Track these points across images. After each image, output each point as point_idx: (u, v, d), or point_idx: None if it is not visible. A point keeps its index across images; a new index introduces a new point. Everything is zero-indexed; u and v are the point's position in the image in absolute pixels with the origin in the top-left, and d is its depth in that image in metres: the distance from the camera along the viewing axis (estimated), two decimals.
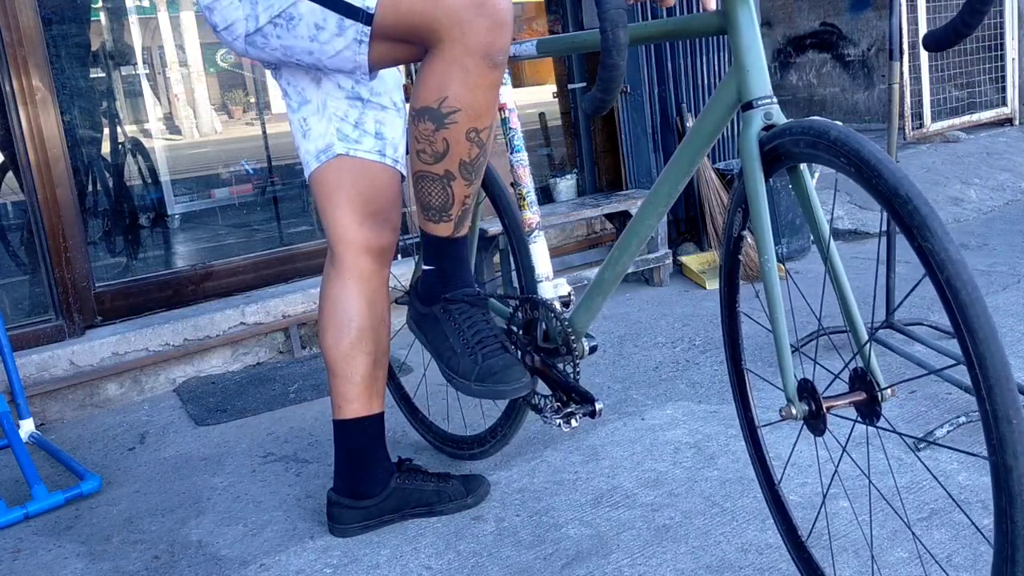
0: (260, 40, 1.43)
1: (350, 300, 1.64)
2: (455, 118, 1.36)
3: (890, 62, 2.40)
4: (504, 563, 1.60)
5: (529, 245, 1.70)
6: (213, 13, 1.44)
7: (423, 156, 1.42)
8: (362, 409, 1.69)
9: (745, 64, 1.23)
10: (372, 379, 1.69)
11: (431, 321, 1.57)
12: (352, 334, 1.65)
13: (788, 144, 1.17)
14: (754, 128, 1.22)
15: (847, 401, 1.17)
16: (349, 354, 1.66)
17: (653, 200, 1.47)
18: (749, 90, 1.23)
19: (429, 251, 1.55)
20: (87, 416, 2.57)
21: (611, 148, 3.67)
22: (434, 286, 1.56)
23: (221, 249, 3.66)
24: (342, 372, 1.67)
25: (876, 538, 1.55)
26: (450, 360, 1.53)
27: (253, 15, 1.40)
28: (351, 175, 1.59)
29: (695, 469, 1.89)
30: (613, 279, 1.58)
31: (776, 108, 1.23)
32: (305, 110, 1.58)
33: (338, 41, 1.38)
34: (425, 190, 1.46)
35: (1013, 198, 4.44)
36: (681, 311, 3.03)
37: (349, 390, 1.68)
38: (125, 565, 1.73)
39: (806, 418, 1.20)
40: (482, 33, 1.30)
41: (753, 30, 1.23)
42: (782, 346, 1.20)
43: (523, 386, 1.48)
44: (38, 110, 2.54)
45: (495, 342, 1.52)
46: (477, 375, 1.48)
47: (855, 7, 5.97)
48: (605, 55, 1.13)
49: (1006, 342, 2.42)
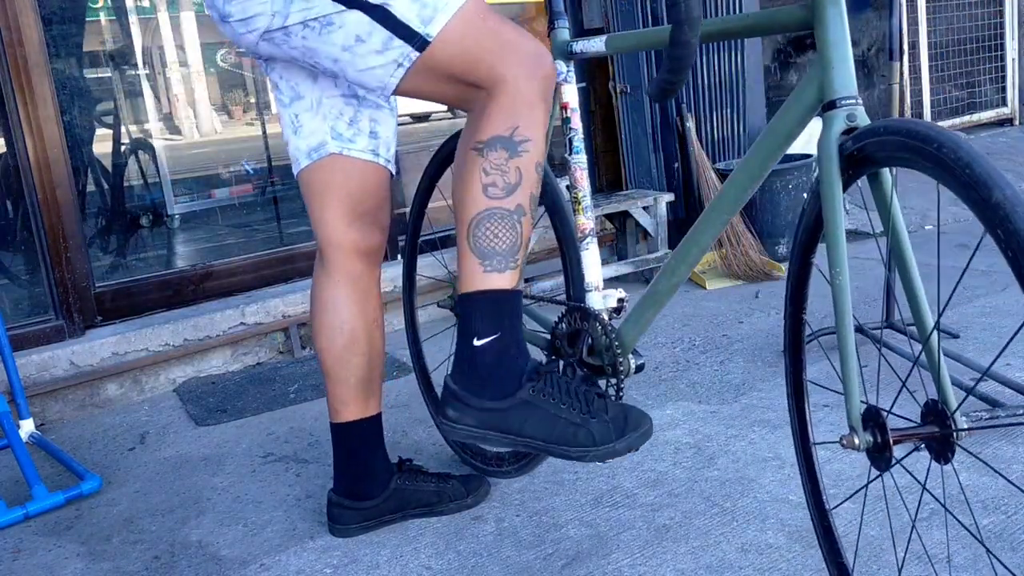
0: (281, 37, 1.36)
1: (341, 302, 1.62)
2: (527, 147, 1.33)
3: (890, 62, 2.40)
4: (504, 563, 1.60)
5: (581, 252, 1.63)
6: (230, 2, 1.36)
7: (492, 190, 1.32)
8: (358, 412, 1.69)
9: (831, 61, 1.16)
10: (367, 381, 1.68)
11: (522, 411, 1.31)
12: (345, 337, 1.63)
13: (874, 147, 1.07)
14: (835, 130, 1.14)
15: (918, 435, 1.08)
16: (343, 357, 1.64)
17: (719, 206, 1.37)
18: (833, 88, 1.15)
19: (486, 317, 1.32)
20: (87, 416, 2.57)
21: (611, 148, 3.66)
22: (502, 365, 1.32)
23: (221, 249, 3.66)
24: (336, 375, 1.66)
25: (876, 538, 1.55)
26: (575, 437, 1.30)
27: (283, 13, 1.33)
28: (342, 175, 1.57)
29: (695, 469, 1.89)
30: (669, 291, 1.49)
31: (861, 110, 1.15)
32: (297, 106, 1.55)
33: (375, 58, 1.32)
34: (492, 232, 1.32)
35: None
36: (681, 311, 3.03)
37: (345, 393, 1.67)
38: (125, 565, 1.73)
39: (869, 450, 1.11)
40: (542, 80, 1.34)
41: (842, 26, 1.16)
42: (849, 368, 1.11)
43: (647, 416, 1.35)
44: (38, 110, 2.54)
45: (593, 393, 1.35)
46: (616, 432, 1.30)
47: (855, 7, 5.96)
48: (676, 30, 1.07)
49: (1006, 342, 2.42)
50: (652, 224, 3.34)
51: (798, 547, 1.55)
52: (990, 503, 1.63)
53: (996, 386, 2.05)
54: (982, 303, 2.78)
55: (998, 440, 1.87)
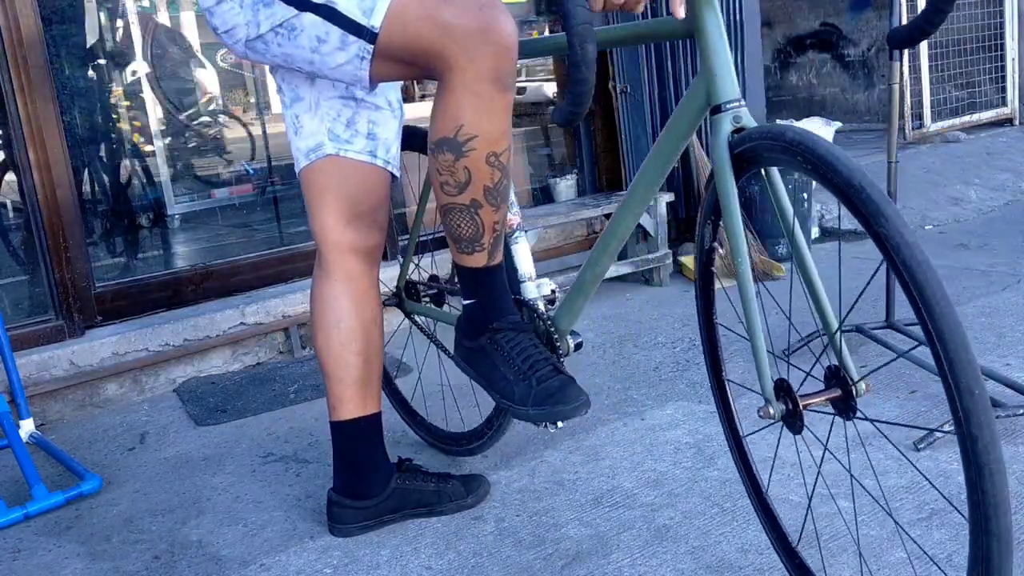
0: (260, 46, 1.43)
1: (338, 301, 1.64)
2: (473, 144, 1.35)
3: (890, 62, 2.40)
4: (504, 563, 1.60)
5: (512, 246, 1.69)
6: (214, 16, 1.44)
7: (447, 188, 1.40)
8: (356, 410, 1.69)
9: (713, 68, 1.24)
10: (365, 380, 1.69)
11: (480, 355, 1.52)
12: (342, 335, 1.65)
13: (757, 148, 1.18)
14: (723, 132, 1.23)
15: (823, 398, 1.18)
16: (339, 355, 1.66)
17: (629, 203, 1.47)
18: (717, 94, 1.24)
19: (467, 285, 1.52)
20: (87, 416, 2.57)
21: (611, 148, 3.66)
22: (478, 318, 1.52)
23: (221, 249, 3.66)
24: (334, 373, 1.67)
25: (876, 539, 1.55)
26: (504, 389, 1.48)
27: (254, 22, 1.40)
28: (339, 176, 1.58)
29: (695, 469, 1.89)
30: (593, 280, 1.58)
31: (745, 111, 1.24)
32: (298, 107, 1.57)
33: (340, 55, 1.37)
34: (454, 222, 1.43)
35: (1013, 198, 4.44)
36: (681, 311, 3.03)
37: (342, 391, 1.68)
38: (125, 565, 1.73)
39: (784, 417, 1.21)
40: (490, 59, 1.30)
41: (719, 34, 1.24)
42: (758, 348, 1.21)
43: (582, 404, 1.42)
44: (38, 110, 2.54)
45: (546, 364, 1.47)
46: (533, 399, 1.43)
47: (855, 7, 5.97)
48: (575, 70, 1.13)
49: (1006, 342, 2.42)
50: (652, 224, 3.34)
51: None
52: None
53: (997, 386, 2.05)
54: (982, 303, 2.78)
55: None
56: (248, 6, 1.39)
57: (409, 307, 2.01)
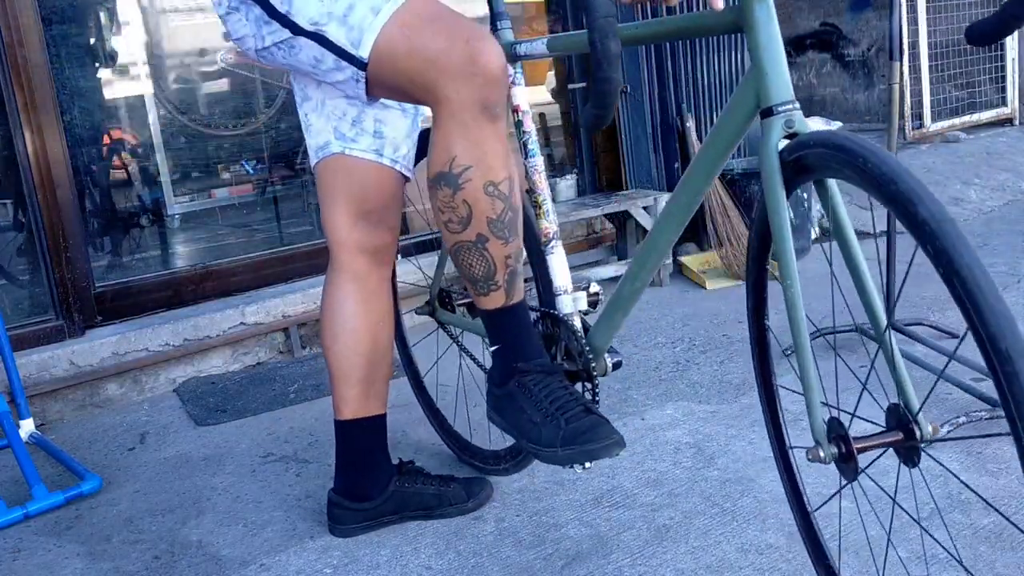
0: (268, 56, 1.46)
1: (345, 301, 1.64)
2: (468, 175, 1.32)
3: (890, 62, 2.40)
4: (504, 563, 1.60)
5: (546, 256, 1.61)
6: (226, 24, 1.48)
7: (451, 226, 1.37)
8: (360, 410, 1.69)
9: (764, 66, 1.12)
10: (369, 381, 1.68)
11: (507, 400, 1.46)
12: (347, 335, 1.65)
13: (812, 157, 1.06)
14: (774, 137, 1.12)
15: (882, 442, 1.06)
16: (344, 355, 1.66)
17: (672, 212, 1.37)
18: (768, 95, 1.13)
19: (491, 329, 1.48)
20: (87, 416, 2.57)
21: (611, 148, 3.66)
22: (506, 363, 1.47)
23: (221, 249, 3.66)
24: (338, 372, 1.67)
25: (875, 539, 1.55)
26: (531, 433, 1.40)
27: (259, 35, 1.43)
28: (346, 174, 1.59)
29: (695, 469, 1.89)
30: (632, 294, 1.51)
31: (799, 115, 1.13)
32: (307, 106, 1.59)
33: (337, 74, 1.40)
34: (465, 263, 1.40)
35: (1013, 198, 4.43)
36: (681, 311, 3.03)
37: (346, 391, 1.68)
38: (125, 565, 1.73)
39: (837, 461, 1.09)
40: (476, 90, 1.28)
41: (771, 28, 1.12)
42: (809, 382, 1.09)
43: (615, 443, 1.35)
44: (38, 110, 2.54)
45: (576, 405, 1.40)
46: (562, 440, 1.35)
47: (855, 7, 5.97)
48: (596, 68, 1.07)
49: None
50: (652, 224, 3.34)
51: (798, 547, 1.54)
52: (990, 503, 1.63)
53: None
54: None
55: (998, 440, 1.87)
56: (252, 21, 1.42)
57: (441, 316, 1.97)
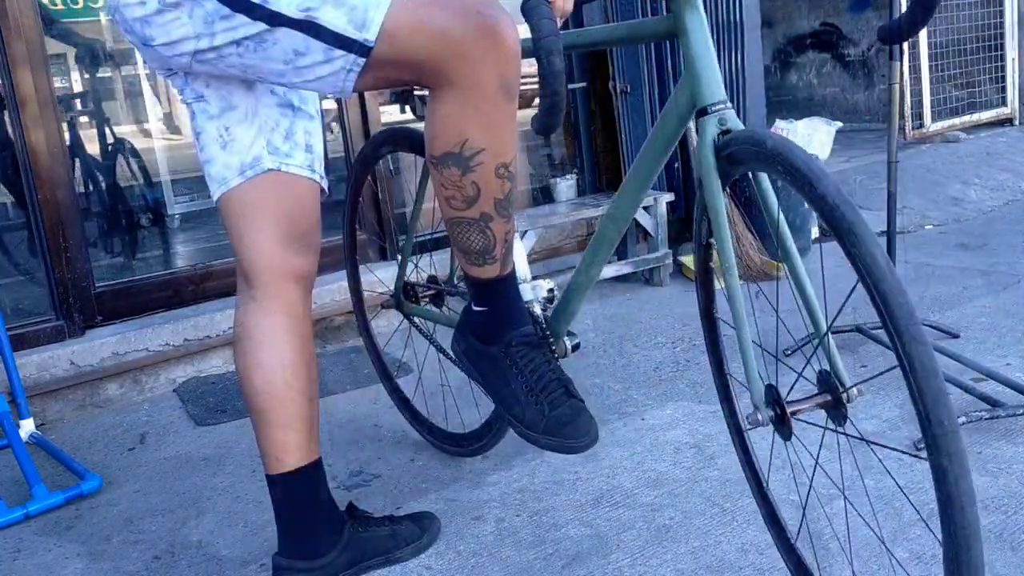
0: (213, 57, 1.27)
1: (280, 337, 1.45)
2: (480, 158, 1.26)
3: (890, 62, 2.40)
4: (504, 563, 1.60)
5: None
6: (150, 26, 1.26)
7: (453, 202, 1.32)
8: (305, 457, 1.50)
9: (697, 69, 1.23)
10: (311, 421, 1.51)
11: (489, 362, 1.46)
12: (287, 374, 1.46)
13: (741, 152, 1.17)
14: (709, 135, 1.22)
15: (812, 404, 1.17)
16: (286, 396, 1.46)
17: (619, 205, 1.46)
18: (702, 96, 1.23)
19: (478, 294, 1.45)
20: (87, 416, 2.57)
21: (611, 148, 3.66)
22: (491, 327, 1.45)
23: (221, 249, 3.65)
24: (278, 419, 1.47)
25: (876, 539, 1.55)
26: (513, 408, 1.42)
27: (207, 34, 1.24)
28: (277, 193, 1.43)
29: (695, 469, 1.89)
30: (587, 283, 1.57)
31: (731, 113, 1.23)
32: (229, 117, 1.40)
33: (323, 68, 1.24)
34: (463, 236, 1.35)
35: (1013, 198, 4.43)
36: (681, 311, 3.03)
37: (289, 438, 1.48)
38: (125, 565, 1.73)
39: (774, 423, 1.20)
40: (492, 67, 1.20)
41: (703, 34, 1.23)
42: (747, 353, 1.20)
43: (592, 439, 1.38)
44: (38, 110, 2.54)
45: (559, 387, 1.41)
46: (545, 427, 1.37)
47: (855, 7, 5.97)
48: (543, 83, 1.14)
49: (1006, 342, 2.42)
50: (652, 224, 3.34)
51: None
52: (990, 503, 1.64)
53: (997, 386, 2.05)
54: (982, 303, 2.78)
55: (998, 440, 1.87)
56: (199, 18, 1.23)
57: (407, 309, 2.01)
